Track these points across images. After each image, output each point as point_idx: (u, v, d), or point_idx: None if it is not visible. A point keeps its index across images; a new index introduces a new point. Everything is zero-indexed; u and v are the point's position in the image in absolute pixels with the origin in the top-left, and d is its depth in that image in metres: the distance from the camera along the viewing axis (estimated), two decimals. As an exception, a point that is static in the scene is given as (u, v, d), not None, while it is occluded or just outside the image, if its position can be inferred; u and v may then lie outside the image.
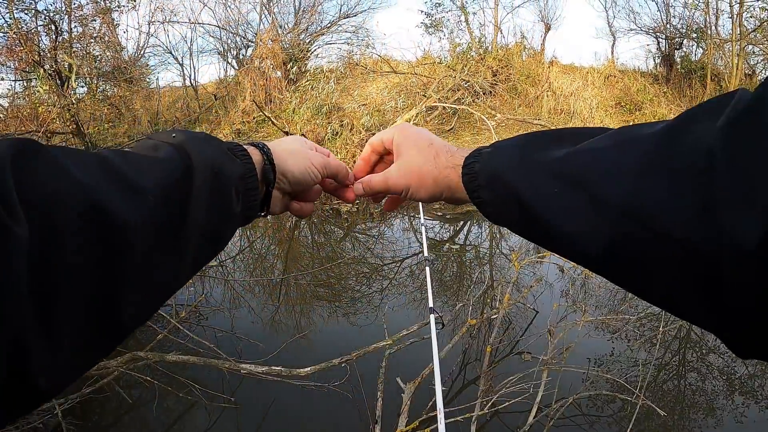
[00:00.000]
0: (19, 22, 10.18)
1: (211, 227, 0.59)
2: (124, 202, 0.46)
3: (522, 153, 0.61)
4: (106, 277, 0.44)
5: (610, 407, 3.90)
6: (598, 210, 0.48)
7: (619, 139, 0.51)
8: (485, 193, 0.65)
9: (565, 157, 0.55)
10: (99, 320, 0.45)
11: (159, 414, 3.76)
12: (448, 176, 0.73)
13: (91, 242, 0.42)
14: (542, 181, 0.55)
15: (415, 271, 6.88)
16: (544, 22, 17.38)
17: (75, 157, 0.46)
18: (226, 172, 0.61)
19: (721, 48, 15.35)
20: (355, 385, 3.56)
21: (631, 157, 0.47)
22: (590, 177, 0.50)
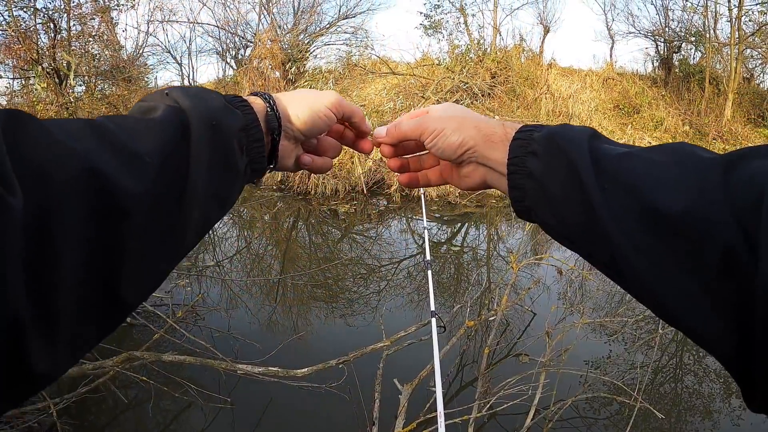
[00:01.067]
0: (18, 20, 10.17)
1: (216, 187, 0.56)
2: (122, 168, 0.44)
3: (590, 137, 0.56)
4: (106, 246, 0.42)
5: (607, 409, 3.90)
6: (648, 219, 0.46)
7: (678, 157, 0.49)
8: (534, 163, 0.59)
9: (621, 157, 0.52)
10: (99, 294, 0.43)
11: (155, 414, 3.75)
12: (494, 128, 0.66)
13: (89, 210, 0.41)
14: (604, 173, 0.52)
15: (412, 272, 6.87)
16: (543, 25, 17.43)
17: (66, 125, 0.44)
18: (225, 125, 0.57)
19: (720, 51, 15.39)
20: (353, 386, 3.55)
21: (692, 175, 0.46)
22: (646, 184, 0.48)
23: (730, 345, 0.42)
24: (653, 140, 12.46)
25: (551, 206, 0.57)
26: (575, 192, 0.53)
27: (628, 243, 0.47)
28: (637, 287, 0.49)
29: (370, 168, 11.10)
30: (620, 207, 0.49)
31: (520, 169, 0.60)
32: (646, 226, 0.46)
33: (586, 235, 0.53)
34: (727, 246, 0.41)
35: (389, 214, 10.16)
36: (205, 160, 0.53)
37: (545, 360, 3.68)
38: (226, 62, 16.89)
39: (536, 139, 0.60)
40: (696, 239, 0.43)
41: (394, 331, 3.94)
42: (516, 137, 0.62)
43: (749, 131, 13.70)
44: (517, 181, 0.61)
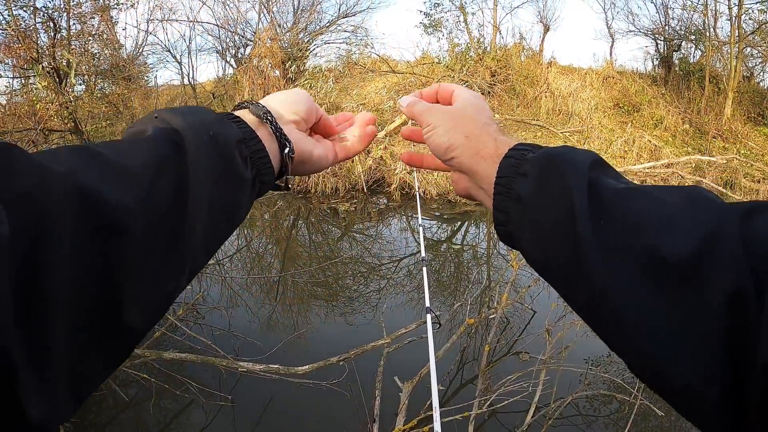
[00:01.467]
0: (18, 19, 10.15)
1: (222, 199, 0.53)
2: (112, 183, 0.41)
3: (593, 165, 0.51)
4: (103, 269, 0.39)
5: (607, 407, 3.90)
6: (649, 263, 0.41)
7: (692, 200, 0.44)
8: (524, 186, 0.53)
9: (625, 192, 0.47)
10: (100, 322, 0.39)
11: (156, 412, 3.75)
12: (485, 143, 0.62)
13: (80, 231, 0.37)
14: (596, 203, 0.47)
15: (412, 270, 6.88)
16: (543, 23, 17.41)
17: (52, 152, 0.41)
18: (223, 135, 0.54)
19: (720, 50, 15.37)
20: (353, 383, 3.55)
21: (707, 218, 0.41)
22: (652, 224, 0.43)
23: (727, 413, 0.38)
24: (653, 138, 12.45)
25: (535, 235, 0.52)
26: (564, 223, 0.48)
27: (616, 287, 0.43)
28: (618, 336, 0.44)
29: (370, 166, 11.10)
30: (615, 246, 0.44)
31: (507, 191, 0.56)
32: (644, 270, 0.41)
33: (567, 271, 0.48)
34: (737, 292, 0.36)
35: (389, 213, 10.16)
36: (206, 171, 0.50)
37: (545, 358, 3.69)
38: (226, 61, 16.89)
39: (530, 159, 0.55)
40: (702, 284, 0.38)
41: (394, 329, 3.94)
42: (508, 155, 0.57)
43: (749, 129, 13.70)
44: (503, 203, 0.56)
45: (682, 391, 0.40)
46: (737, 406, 0.36)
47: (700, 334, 0.38)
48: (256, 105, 0.63)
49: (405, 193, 10.64)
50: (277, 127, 0.62)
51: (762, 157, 12.34)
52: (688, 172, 10.52)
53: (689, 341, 0.39)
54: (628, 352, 0.44)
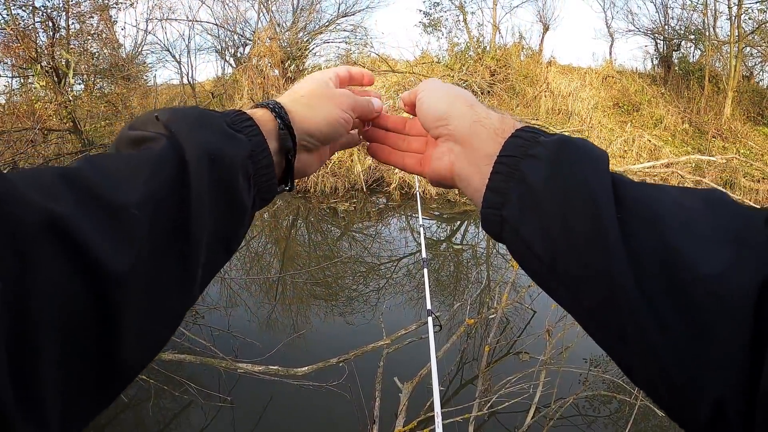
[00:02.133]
0: (17, 19, 10.14)
1: (221, 230, 0.49)
2: (103, 230, 0.37)
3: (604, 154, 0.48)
4: (95, 322, 0.36)
5: (607, 407, 3.90)
6: (670, 261, 0.39)
7: (710, 204, 0.41)
8: (534, 168, 0.49)
9: (642, 188, 0.44)
10: (91, 373, 0.37)
11: (155, 413, 3.75)
12: (489, 114, 0.58)
13: (70, 280, 0.35)
14: (619, 199, 0.44)
15: (412, 270, 6.87)
16: (543, 23, 17.41)
17: (36, 177, 0.38)
18: (228, 157, 0.49)
19: (719, 49, 15.37)
20: (353, 384, 3.55)
21: (729, 224, 0.39)
22: (672, 223, 0.40)
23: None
24: (653, 138, 12.44)
25: (543, 225, 0.47)
26: (584, 216, 0.43)
27: (635, 283, 0.39)
28: (628, 347, 0.41)
29: (369, 166, 11.09)
30: (637, 242, 0.41)
31: (511, 171, 0.50)
32: (667, 271, 0.38)
33: (581, 269, 0.44)
34: (762, 296, 0.34)
35: (389, 213, 10.15)
36: (206, 203, 0.46)
37: (545, 358, 3.68)
38: (225, 60, 16.86)
39: (543, 143, 0.50)
40: (728, 294, 0.36)
41: (394, 330, 3.94)
42: (517, 134, 0.53)
43: (749, 129, 13.69)
44: (500, 184, 0.51)
45: (710, 412, 0.36)
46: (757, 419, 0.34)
47: (726, 350, 0.35)
48: (287, 132, 0.59)
49: (404, 192, 10.64)
50: (291, 164, 0.60)
51: (762, 156, 12.33)
52: (687, 172, 10.50)
53: (714, 357, 0.36)
54: (638, 365, 0.42)
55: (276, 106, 0.59)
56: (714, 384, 0.36)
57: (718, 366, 0.36)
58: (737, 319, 0.35)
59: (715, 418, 0.36)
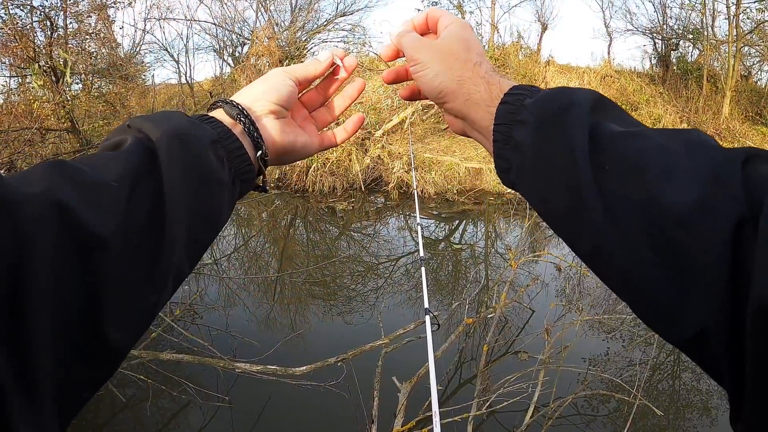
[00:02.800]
0: (15, 18, 10.12)
1: (196, 202, 0.51)
2: (86, 199, 0.40)
3: (594, 107, 0.49)
4: (84, 284, 0.38)
5: (606, 407, 3.90)
6: (653, 210, 0.40)
7: (692, 145, 0.42)
8: (523, 134, 0.52)
9: (628, 136, 0.45)
10: (83, 338, 0.38)
11: (153, 413, 3.74)
12: (477, 86, 0.59)
13: (60, 249, 0.37)
14: (598, 149, 0.45)
15: (410, 269, 6.88)
16: (541, 22, 17.41)
17: (26, 174, 0.40)
18: (194, 137, 0.52)
19: (718, 49, 15.39)
20: (351, 384, 3.54)
21: (708, 165, 0.40)
22: (654, 170, 0.41)
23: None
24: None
25: (536, 184, 0.52)
26: (565, 172, 0.46)
27: (618, 243, 0.43)
28: (625, 290, 0.45)
29: (368, 165, 11.09)
30: (616, 195, 0.43)
31: (506, 139, 0.54)
32: (648, 218, 0.41)
33: (569, 221, 0.48)
34: (739, 233, 0.36)
35: (387, 212, 10.16)
36: (179, 175, 0.48)
37: (544, 357, 3.68)
38: (224, 60, 16.86)
39: (527, 106, 0.53)
40: (704, 232, 0.37)
41: (392, 329, 3.93)
42: (504, 100, 0.55)
43: (747, 129, 13.71)
44: (502, 152, 0.55)
45: (693, 339, 0.39)
46: (740, 346, 0.36)
47: (707, 282, 0.37)
48: (230, 103, 0.61)
49: (403, 191, 10.64)
50: (250, 128, 0.60)
51: (760, 155, 12.35)
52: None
53: (696, 291, 0.38)
54: (635, 302, 0.44)
55: (221, 99, 0.63)
56: (697, 315, 0.38)
57: (699, 300, 0.38)
58: (715, 256, 0.37)
59: (699, 344, 0.39)
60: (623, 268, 0.43)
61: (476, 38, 0.65)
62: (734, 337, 0.36)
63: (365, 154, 11.18)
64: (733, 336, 0.36)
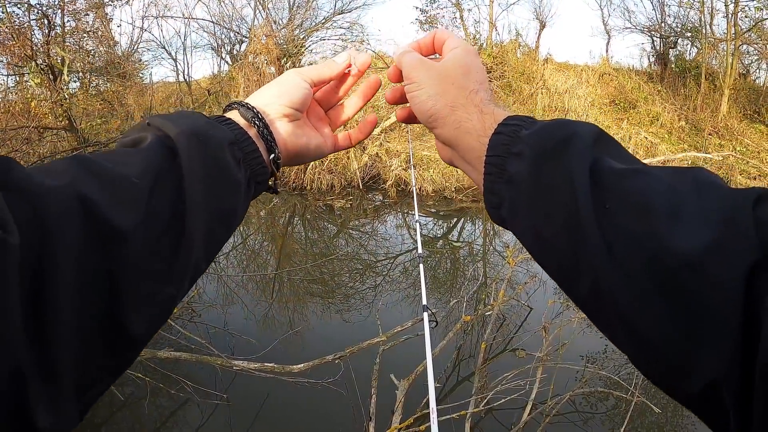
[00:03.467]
0: (12, 16, 10.09)
1: (215, 201, 0.51)
2: (112, 194, 0.41)
3: (596, 141, 0.47)
4: (105, 275, 0.39)
5: (604, 404, 3.90)
6: (660, 255, 0.38)
7: (700, 185, 0.40)
8: (518, 166, 0.49)
9: (632, 174, 0.43)
10: (103, 328, 0.39)
11: (151, 411, 3.74)
12: (470, 114, 0.57)
13: (83, 241, 0.37)
14: (600, 186, 0.43)
15: (408, 267, 6.88)
16: (539, 20, 17.42)
17: (49, 167, 0.41)
18: (214, 138, 0.53)
19: (716, 47, 15.39)
20: (349, 381, 3.54)
21: (719, 206, 0.38)
22: (663, 211, 0.39)
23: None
24: (649, 135, 12.47)
25: (531, 219, 0.49)
26: (565, 211, 0.44)
27: (622, 286, 0.40)
28: (626, 338, 0.42)
29: (366, 163, 11.09)
30: (621, 233, 0.40)
31: (500, 172, 0.51)
32: (654, 260, 0.38)
33: (568, 263, 0.45)
34: (754, 281, 0.34)
35: (385, 210, 10.15)
36: (199, 174, 0.49)
37: (542, 355, 3.68)
38: (221, 58, 16.84)
39: (523, 137, 0.50)
40: (716, 279, 0.35)
41: (390, 326, 3.93)
42: (498, 131, 0.53)
43: (745, 127, 13.71)
44: (494, 186, 0.52)
45: (700, 393, 0.37)
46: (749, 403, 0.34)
47: (719, 330, 0.35)
48: (245, 106, 0.61)
49: (401, 189, 10.64)
50: (264, 131, 0.60)
51: (758, 154, 12.36)
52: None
53: (708, 340, 0.35)
54: (637, 353, 0.42)
55: (236, 101, 0.63)
56: (708, 367, 0.36)
57: (710, 349, 0.35)
58: (728, 302, 0.34)
59: (708, 396, 0.36)
60: (625, 313, 0.40)
61: (479, 65, 0.64)
62: (746, 391, 0.34)
63: (363, 152, 11.17)
64: (745, 389, 0.34)
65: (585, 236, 0.42)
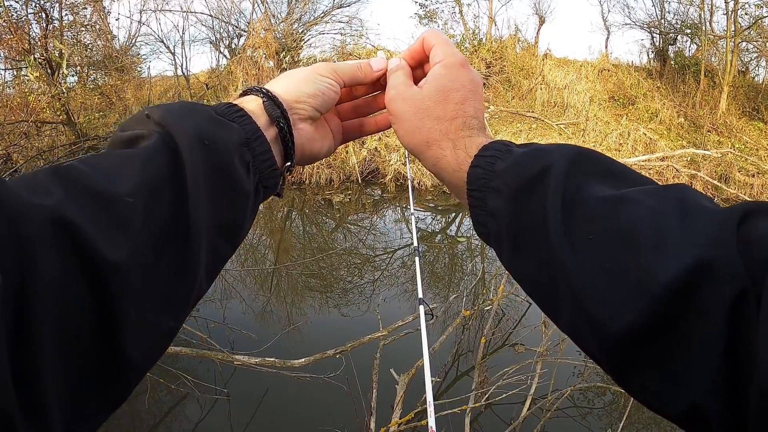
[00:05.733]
0: (9, 10, 10.06)
1: (222, 218, 0.47)
2: (97, 220, 0.37)
3: (570, 167, 0.46)
4: (95, 314, 0.36)
5: (602, 399, 3.91)
6: (642, 280, 0.38)
7: (683, 207, 0.40)
8: (497, 202, 0.50)
9: (612, 201, 0.43)
10: (93, 371, 0.36)
11: (151, 406, 3.74)
12: (443, 150, 0.57)
13: (68, 273, 0.34)
14: (580, 218, 0.43)
15: (407, 262, 6.88)
16: (539, 15, 17.37)
17: (30, 179, 0.37)
18: (221, 141, 0.47)
19: (715, 44, 15.38)
20: (350, 376, 3.54)
21: (705, 228, 0.38)
22: (647, 238, 0.39)
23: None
24: (648, 131, 12.47)
25: (512, 253, 0.49)
26: (538, 246, 0.45)
27: (609, 317, 0.39)
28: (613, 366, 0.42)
29: (364, 157, 11.08)
30: (605, 267, 0.40)
31: (482, 205, 0.52)
32: (641, 290, 0.38)
33: (546, 297, 0.46)
34: (738, 304, 0.34)
35: (384, 204, 10.15)
36: (203, 188, 0.44)
37: (541, 350, 3.68)
38: (220, 52, 16.76)
39: (499, 173, 0.50)
40: (703, 305, 0.35)
41: (389, 321, 3.93)
42: (475, 164, 0.53)
43: (744, 124, 13.71)
44: (480, 218, 0.53)
45: (685, 413, 0.37)
46: (735, 420, 0.34)
47: (703, 355, 0.35)
48: (271, 100, 0.56)
49: (399, 184, 10.64)
50: (286, 135, 0.56)
51: (756, 151, 12.36)
52: (683, 165, 10.54)
53: (693, 364, 0.36)
54: (621, 378, 0.42)
55: (257, 87, 0.58)
56: (690, 391, 0.36)
57: (694, 374, 0.36)
58: (711, 328, 0.35)
59: (691, 417, 0.37)
60: (614, 350, 0.40)
61: (463, 79, 0.61)
62: (729, 412, 0.34)
63: (362, 146, 11.17)
64: (728, 410, 0.34)
65: (558, 277, 0.43)
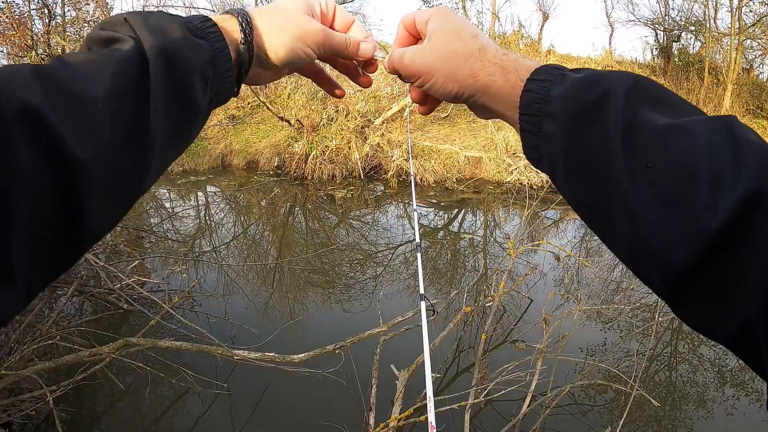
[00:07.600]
0: (12, 6, 10.07)
1: (176, 129, 0.51)
2: (71, 121, 0.40)
3: (630, 92, 0.46)
4: (62, 197, 0.40)
5: (602, 397, 3.91)
6: (699, 215, 0.38)
7: (734, 138, 0.40)
8: (553, 127, 0.50)
9: (665, 132, 0.43)
10: (55, 238, 0.41)
11: (152, 400, 3.75)
12: (492, 76, 0.56)
13: (39, 163, 0.38)
14: (639, 145, 0.43)
15: (408, 258, 6.87)
16: (542, 11, 17.35)
17: (10, 70, 0.40)
18: (185, 61, 0.50)
19: (720, 41, 15.32)
20: (350, 371, 3.55)
21: (750, 161, 0.38)
22: (702, 175, 0.39)
23: None
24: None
25: (568, 177, 0.50)
26: (598, 169, 0.45)
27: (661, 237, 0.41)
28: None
29: (367, 153, 11.07)
30: (663, 197, 0.41)
31: (536, 130, 0.52)
32: (699, 226, 0.38)
33: (603, 220, 0.47)
34: None
35: (386, 200, 10.15)
36: (161, 101, 0.48)
37: (542, 347, 3.68)
38: (223, 47, 16.82)
39: (556, 97, 0.50)
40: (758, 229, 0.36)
41: (390, 317, 3.93)
42: (528, 88, 0.53)
43: (748, 122, 13.66)
44: (532, 143, 0.53)
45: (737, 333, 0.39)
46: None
47: (758, 279, 0.36)
48: (245, 45, 0.59)
49: (402, 180, 10.64)
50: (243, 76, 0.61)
51: (760, 148, 12.34)
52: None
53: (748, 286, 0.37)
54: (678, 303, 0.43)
55: (245, 19, 0.59)
56: (744, 308, 0.37)
57: (747, 294, 0.37)
58: (764, 253, 0.36)
59: (742, 336, 0.38)
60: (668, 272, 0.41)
61: (462, 19, 0.62)
62: None
63: (364, 142, 11.16)
64: None
65: (617, 200, 0.44)
